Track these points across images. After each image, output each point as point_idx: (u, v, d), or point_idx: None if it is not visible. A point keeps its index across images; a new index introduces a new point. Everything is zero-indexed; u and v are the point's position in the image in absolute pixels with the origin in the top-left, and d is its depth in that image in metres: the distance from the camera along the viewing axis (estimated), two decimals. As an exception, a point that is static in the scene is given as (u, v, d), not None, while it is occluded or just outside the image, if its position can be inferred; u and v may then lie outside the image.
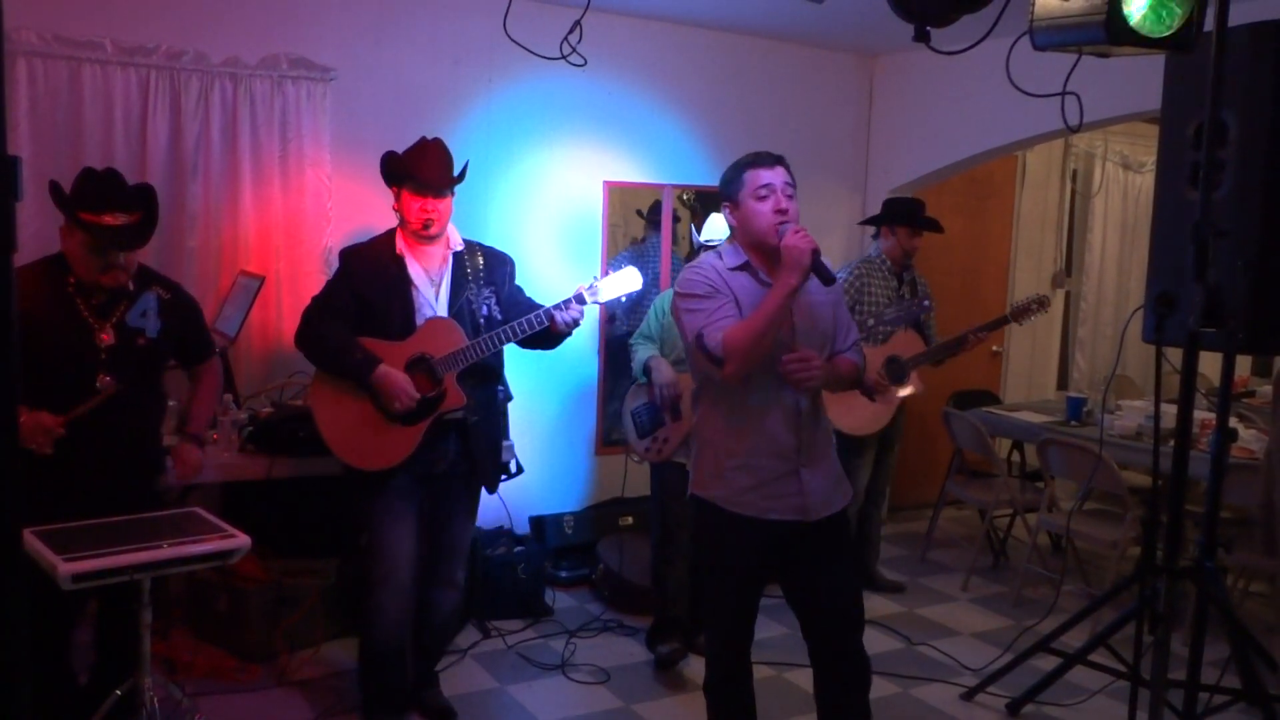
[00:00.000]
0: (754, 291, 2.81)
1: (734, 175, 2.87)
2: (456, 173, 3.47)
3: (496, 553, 4.54)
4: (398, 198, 3.42)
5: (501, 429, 3.77)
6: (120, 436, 3.11)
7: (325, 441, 3.42)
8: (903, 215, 4.90)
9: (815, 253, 2.69)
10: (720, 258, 2.89)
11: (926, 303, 4.73)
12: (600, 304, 3.54)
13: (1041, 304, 4.80)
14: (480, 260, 3.54)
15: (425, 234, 3.39)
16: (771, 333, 2.69)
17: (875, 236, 5.01)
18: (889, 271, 4.84)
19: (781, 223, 2.76)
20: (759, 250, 2.82)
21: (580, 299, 3.43)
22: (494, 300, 3.51)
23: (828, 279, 2.73)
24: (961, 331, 4.76)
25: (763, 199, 2.79)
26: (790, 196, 2.81)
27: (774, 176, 2.81)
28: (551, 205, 5.11)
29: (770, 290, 2.73)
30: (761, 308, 2.71)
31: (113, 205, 2.99)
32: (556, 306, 3.41)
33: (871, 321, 4.61)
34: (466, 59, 4.77)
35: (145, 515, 2.91)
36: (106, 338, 3.06)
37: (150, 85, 4.07)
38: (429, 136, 3.49)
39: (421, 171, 3.38)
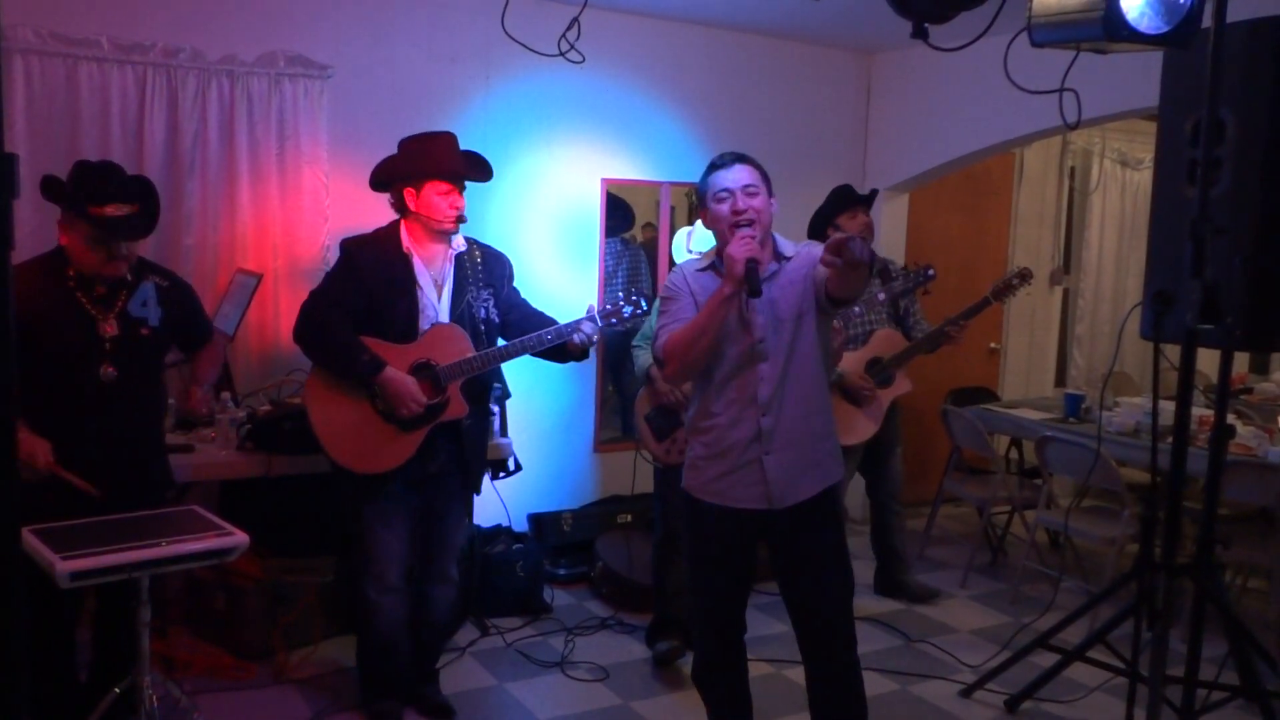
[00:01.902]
0: (713, 289, 2.81)
1: (703, 179, 2.91)
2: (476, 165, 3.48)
3: (495, 550, 4.54)
4: (417, 194, 3.33)
5: (489, 431, 3.74)
6: (122, 428, 3.11)
7: (319, 442, 3.38)
8: (833, 206, 4.67)
9: (750, 262, 2.66)
10: (699, 258, 2.97)
11: (931, 271, 4.53)
12: (614, 325, 3.51)
13: (1023, 277, 4.62)
14: (479, 259, 3.50)
15: (455, 229, 3.36)
16: (706, 337, 2.73)
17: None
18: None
19: (735, 224, 2.77)
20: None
21: (593, 318, 3.41)
22: (492, 302, 3.48)
23: (754, 291, 2.68)
24: (940, 323, 4.58)
25: (722, 201, 2.83)
26: (752, 194, 2.80)
27: (732, 179, 2.82)
28: (550, 203, 5.11)
29: (709, 297, 2.77)
30: (698, 315, 2.77)
31: (115, 196, 3.01)
32: (571, 327, 3.37)
33: (882, 295, 4.52)
34: (464, 56, 4.77)
35: (143, 513, 2.92)
36: (110, 329, 3.07)
37: (147, 83, 4.06)
38: (436, 131, 3.48)
39: (454, 163, 3.35)
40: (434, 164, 3.34)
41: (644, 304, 3.51)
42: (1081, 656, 3.76)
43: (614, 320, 3.49)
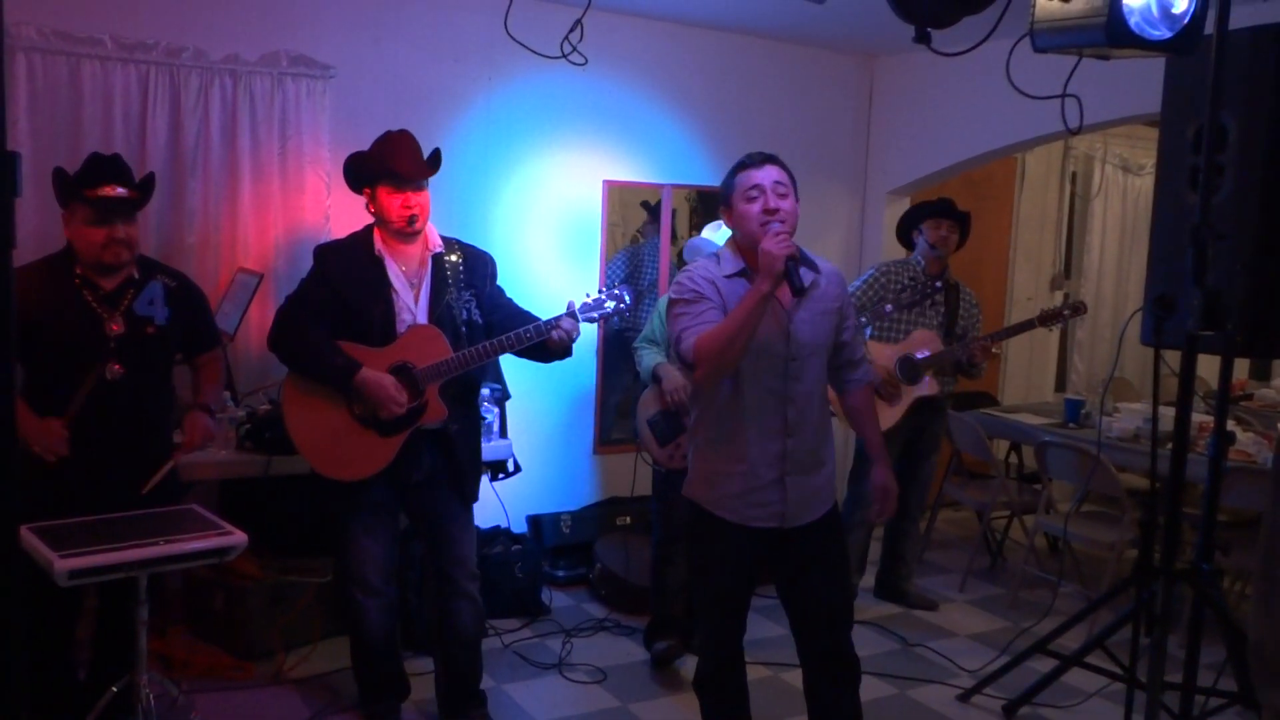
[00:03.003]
0: None
1: (728, 179, 2.87)
2: (427, 159, 3.40)
3: (494, 552, 4.54)
4: (373, 198, 3.33)
5: (479, 435, 3.67)
6: (129, 427, 3.12)
7: (297, 449, 3.35)
8: (919, 212, 4.75)
9: (790, 259, 2.64)
10: (718, 262, 2.88)
11: (938, 284, 4.55)
12: (595, 320, 3.44)
13: (1076, 310, 4.65)
14: (459, 260, 3.43)
15: (410, 230, 3.31)
16: (743, 338, 2.66)
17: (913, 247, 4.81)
18: (923, 272, 4.67)
19: (767, 222, 2.73)
20: (754, 253, 2.76)
21: (573, 314, 3.33)
22: (474, 304, 3.42)
23: (797, 289, 2.68)
24: (976, 339, 4.63)
25: (752, 200, 2.78)
26: (783, 195, 2.78)
27: (763, 176, 2.79)
28: (551, 204, 5.11)
29: (744, 295, 2.71)
30: (733, 313, 2.70)
31: (112, 179, 3.07)
32: (549, 322, 3.29)
33: (889, 308, 4.53)
34: (467, 58, 4.77)
35: (142, 512, 2.92)
36: (116, 327, 3.08)
37: (150, 82, 4.06)
38: (393, 130, 3.42)
39: (399, 165, 3.29)
40: (379, 166, 3.31)
41: (627, 298, 3.40)
42: (1080, 662, 3.76)
43: (595, 315, 3.39)
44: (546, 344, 3.32)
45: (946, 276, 4.73)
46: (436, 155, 3.42)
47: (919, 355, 4.54)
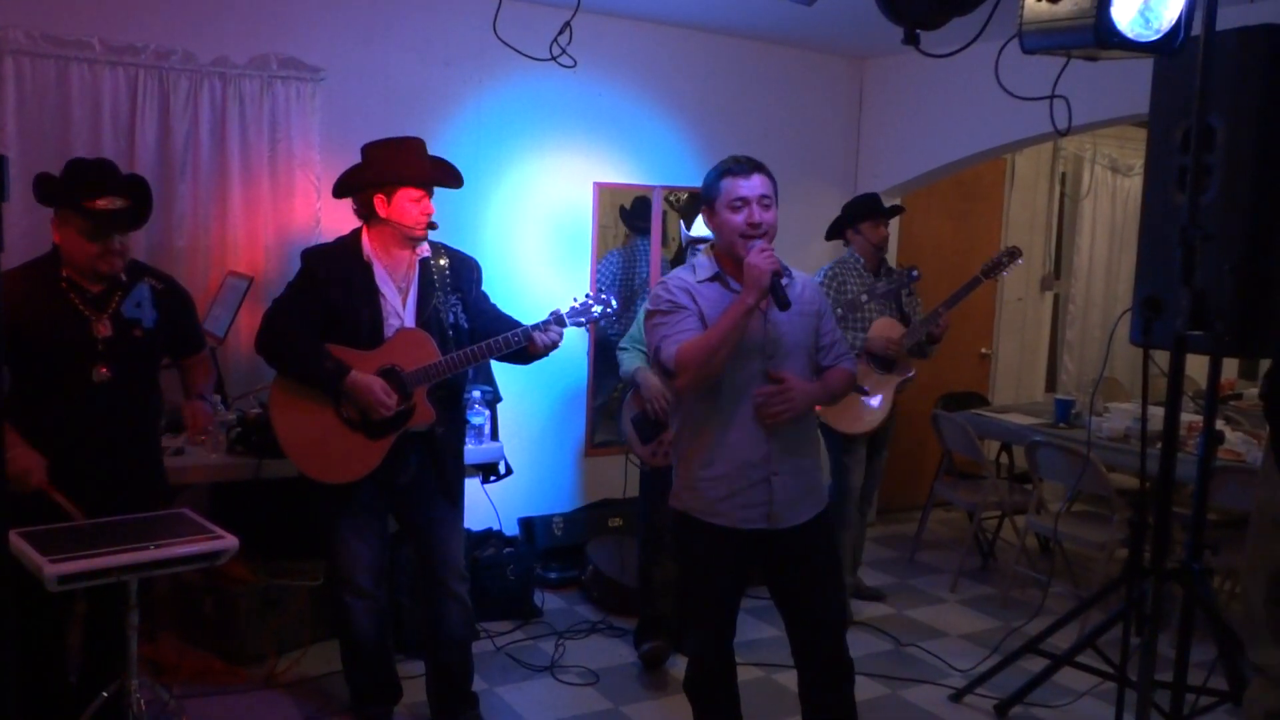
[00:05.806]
0: (723, 302, 2.81)
1: (713, 181, 2.86)
2: (448, 172, 3.43)
3: (485, 554, 4.53)
4: (388, 201, 3.29)
5: (464, 438, 3.68)
6: (118, 430, 3.11)
7: (284, 452, 3.34)
8: (861, 212, 4.75)
9: (775, 275, 2.67)
10: (693, 270, 2.90)
11: (915, 272, 4.54)
12: (582, 325, 3.46)
13: (1012, 255, 4.64)
14: (445, 264, 3.44)
15: (424, 235, 3.33)
16: (726, 348, 2.69)
17: (845, 244, 4.84)
18: (864, 269, 4.69)
19: (751, 236, 2.75)
20: (733, 259, 2.81)
21: (560, 320, 3.36)
22: (460, 307, 3.43)
23: (783, 303, 2.70)
24: (935, 310, 4.58)
25: (737, 210, 2.79)
26: (766, 207, 2.80)
27: (749, 188, 2.79)
28: (542, 206, 5.11)
29: (728, 307, 2.73)
30: (717, 324, 2.72)
31: (108, 190, 3.01)
32: (536, 327, 3.33)
33: (865, 298, 4.53)
34: (456, 60, 4.77)
35: (133, 516, 2.91)
36: (103, 330, 3.06)
37: (139, 85, 4.05)
38: (408, 136, 3.44)
39: (427, 170, 3.33)
40: (408, 171, 3.31)
41: (614, 304, 3.45)
42: (1071, 661, 3.77)
43: (582, 320, 3.43)
44: (529, 348, 3.36)
45: (890, 268, 4.80)
46: (456, 169, 3.45)
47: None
